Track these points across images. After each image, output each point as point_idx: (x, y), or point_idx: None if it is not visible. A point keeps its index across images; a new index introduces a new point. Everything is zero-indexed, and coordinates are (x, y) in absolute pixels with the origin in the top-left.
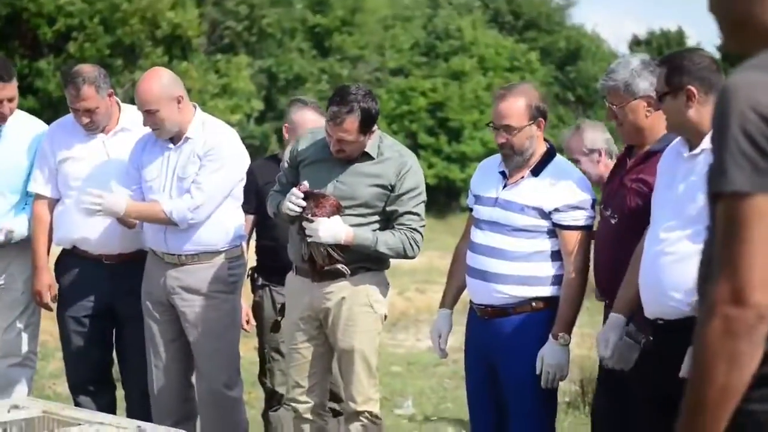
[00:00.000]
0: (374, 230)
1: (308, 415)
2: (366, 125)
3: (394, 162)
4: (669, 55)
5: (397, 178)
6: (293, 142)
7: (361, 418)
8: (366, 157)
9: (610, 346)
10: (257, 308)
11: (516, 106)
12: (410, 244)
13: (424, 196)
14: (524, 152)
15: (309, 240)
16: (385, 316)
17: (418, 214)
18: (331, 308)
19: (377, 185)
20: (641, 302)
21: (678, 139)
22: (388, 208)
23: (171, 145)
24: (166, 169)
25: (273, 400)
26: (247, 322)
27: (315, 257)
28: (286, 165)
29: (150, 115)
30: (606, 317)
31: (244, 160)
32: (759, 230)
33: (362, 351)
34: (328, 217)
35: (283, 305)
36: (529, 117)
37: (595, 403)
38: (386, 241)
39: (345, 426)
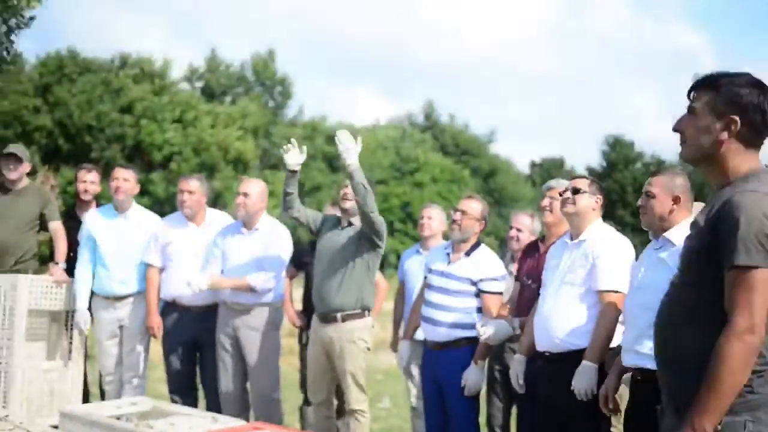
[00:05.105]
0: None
1: (320, 408)
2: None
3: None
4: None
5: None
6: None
7: (354, 414)
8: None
9: (521, 377)
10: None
11: (475, 205)
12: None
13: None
14: (465, 233)
15: None
16: (368, 348)
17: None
18: (329, 342)
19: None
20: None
21: (566, 233)
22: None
23: (245, 231)
24: (243, 249)
25: (306, 401)
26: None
27: None
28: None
29: (245, 196)
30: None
31: (291, 245)
32: (764, 290)
33: (352, 371)
34: None
35: (308, 337)
36: (480, 216)
37: (519, 412)
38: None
39: (344, 419)
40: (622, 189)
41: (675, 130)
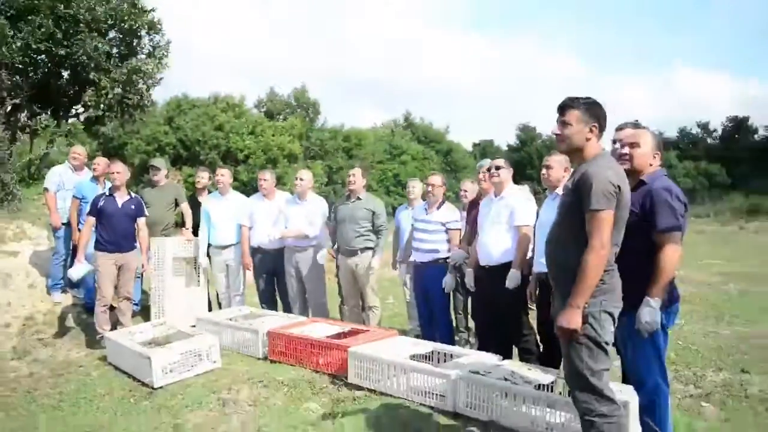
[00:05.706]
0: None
1: (353, 309)
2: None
3: (373, 201)
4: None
5: (376, 210)
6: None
7: (372, 309)
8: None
9: (472, 281)
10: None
11: (438, 179)
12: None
13: (384, 219)
14: (436, 197)
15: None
16: (375, 268)
17: (383, 225)
18: (354, 267)
19: (368, 210)
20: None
21: (492, 192)
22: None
23: (299, 201)
24: (298, 213)
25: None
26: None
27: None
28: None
29: (301, 180)
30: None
31: (327, 210)
32: (608, 223)
33: (370, 285)
34: None
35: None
36: (442, 184)
37: (474, 306)
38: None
39: (365, 312)
40: (530, 157)
41: (554, 133)
